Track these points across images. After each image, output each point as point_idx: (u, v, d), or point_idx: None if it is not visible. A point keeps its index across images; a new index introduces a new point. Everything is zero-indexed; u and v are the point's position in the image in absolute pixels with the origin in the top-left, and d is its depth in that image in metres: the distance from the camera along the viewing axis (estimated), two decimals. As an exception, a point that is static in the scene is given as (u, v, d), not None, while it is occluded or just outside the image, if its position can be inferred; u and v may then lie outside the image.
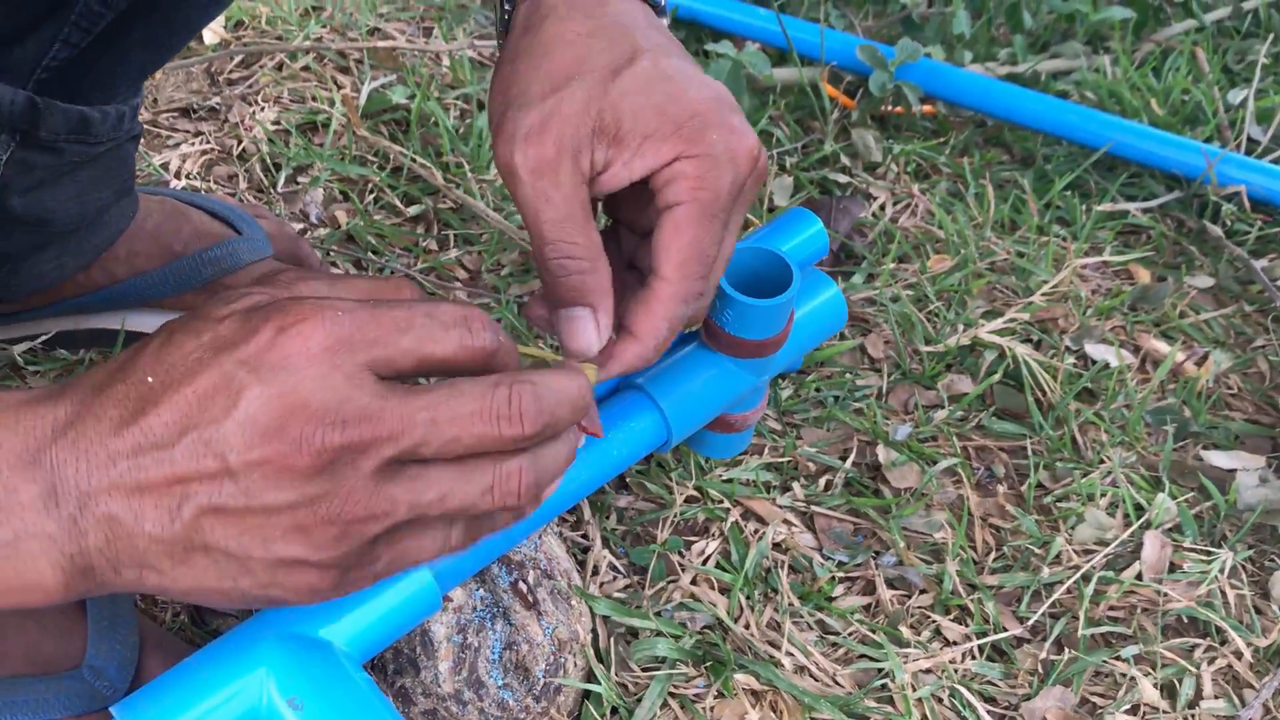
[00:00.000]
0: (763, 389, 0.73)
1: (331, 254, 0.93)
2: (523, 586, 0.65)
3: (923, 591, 0.75)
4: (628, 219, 0.60)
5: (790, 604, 0.72)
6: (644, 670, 0.67)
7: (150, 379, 0.41)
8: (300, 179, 1.00)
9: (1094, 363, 0.92)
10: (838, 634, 0.71)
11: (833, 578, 0.74)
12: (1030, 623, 0.74)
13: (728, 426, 0.74)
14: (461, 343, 0.43)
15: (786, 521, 0.77)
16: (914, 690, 0.68)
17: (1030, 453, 0.84)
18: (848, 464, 0.82)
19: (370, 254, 0.93)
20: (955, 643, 0.72)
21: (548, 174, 0.52)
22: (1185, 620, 0.75)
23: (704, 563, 0.74)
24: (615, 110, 0.52)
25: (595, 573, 0.72)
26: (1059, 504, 0.81)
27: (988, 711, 0.68)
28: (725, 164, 0.53)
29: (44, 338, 0.79)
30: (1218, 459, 0.86)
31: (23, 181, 0.64)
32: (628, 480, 0.78)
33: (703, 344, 0.69)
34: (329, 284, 0.47)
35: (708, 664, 0.67)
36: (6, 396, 0.42)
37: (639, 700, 0.65)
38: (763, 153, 0.55)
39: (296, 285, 0.47)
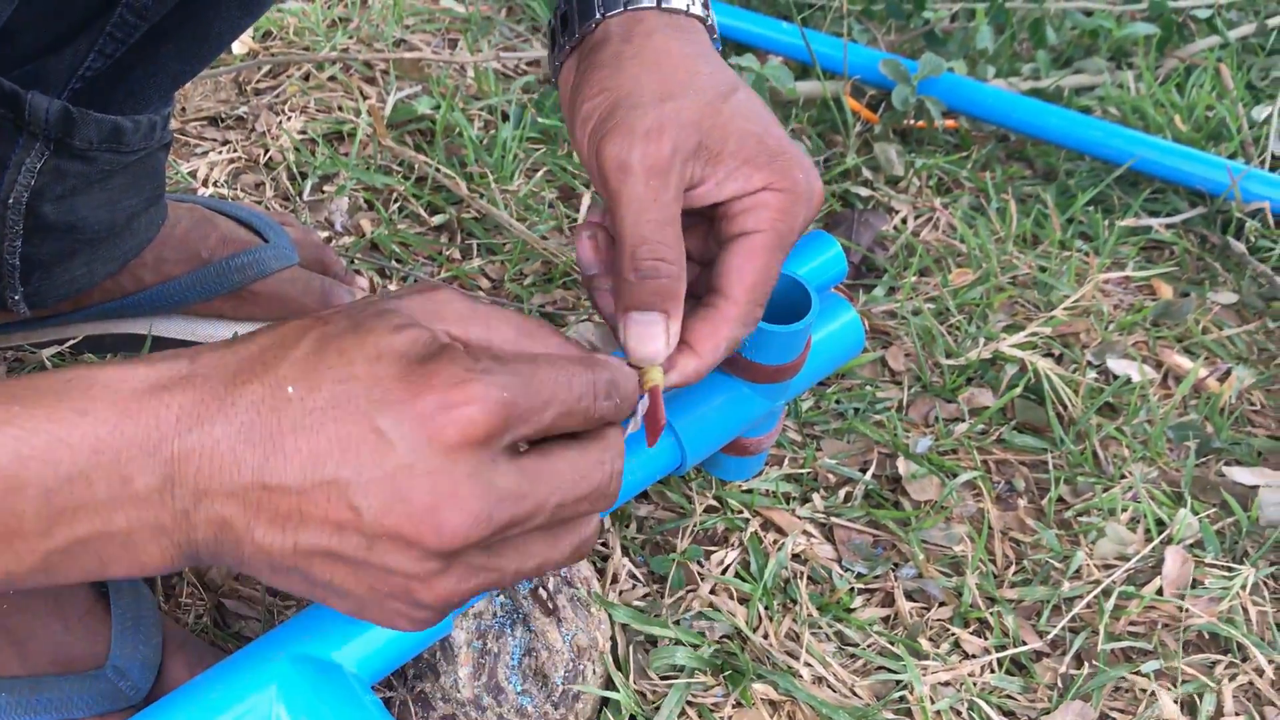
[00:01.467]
0: (778, 413, 0.73)
1: (356, 262, 0.93)
2: (542, 593, 0.65)
3: (942, 604, 0.74)
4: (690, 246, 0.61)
5: (809, 615, 0.72)
6: (662, 679, 0.67)
7: (291, 390, 0.40)
8: (326, 188, 1.01)
9: (1116, 378, 0.92)
10: (856, 645, 0.71)
11: (852, 589, 0.74)
12: (1050, 637, 0.73)
13: (742, 450, 0.74)
14: (586, 416, 0.44)
15: (806, 532, 0.77)
16: (932, 703, 0.68)
17: (1051, 467, 0.84)
18: (868, 476, 0.82)
19: (394, 262, 0.94)
20: (974, 656, 0.72)
21: (659, 174, 0.52)
22: (1206, 636, 0.75)
23: (723, 572, 0.74)
24: (723, 130, 0.54)
25: (615, 581, 0.72)
26: (1080, 518, 0.81)
27: (1007, 725, 0.68)
28: (804, 202, 0.55)
29: (72, 342, 0.80)
30: (1240, 475, 0.85)
31: (55, 189, 0.65)
32: (648, 489, 0.78)
33: (719, 368, 0.69)
34: (484, 325, 0.45)
35: (726, 673, 0.67)
36: (128, 377, 0.41)
37: (657, 708, 0.65)
38: (821, 191, 0.57)
39: (455, 309, 0.45)
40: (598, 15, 0.58)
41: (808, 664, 0.69)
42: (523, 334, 0.46)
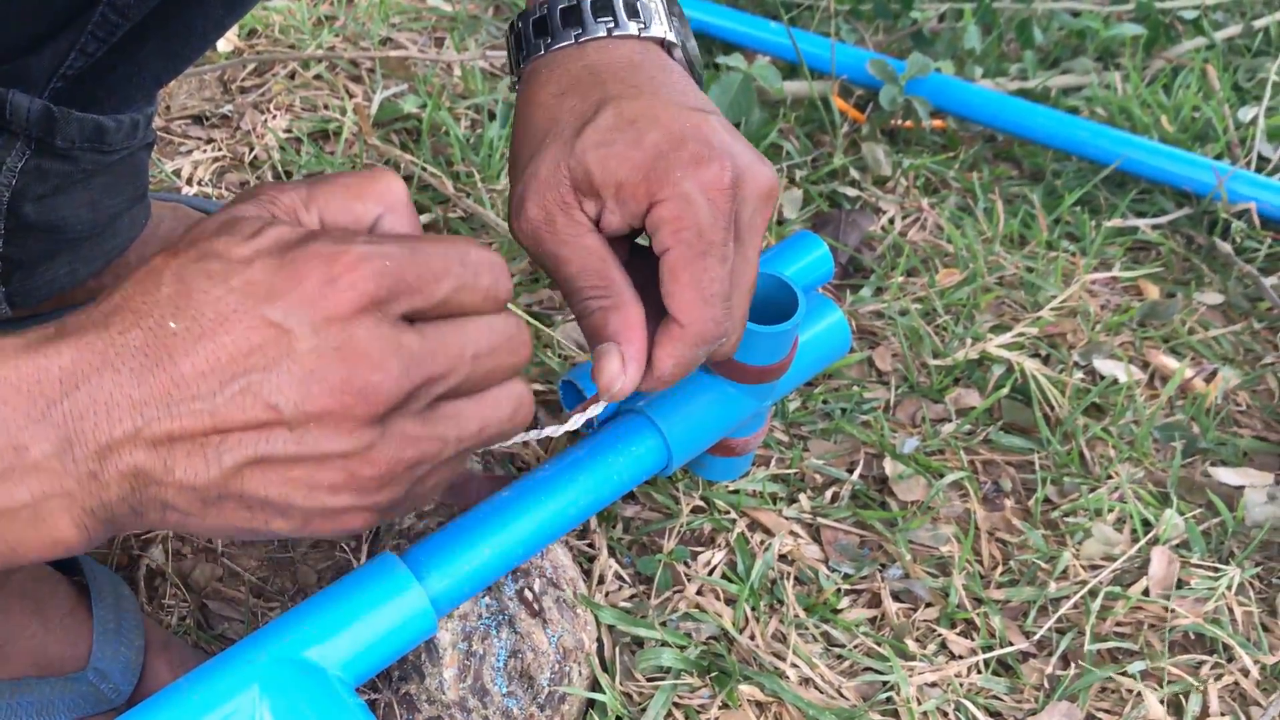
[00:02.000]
0: (765, 413, 0.73)
1: (341, 261, 0.93)
2: (528, 594, 0.65)
3: (929, 605, 0.74)
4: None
5: (796, 615, 0.72)
6: (649, 680, 0.67)
7: (173, 325, 0.40)
8: (311, 187, 1.00)
9: (1102, 378, 0.92)
10: (843, 646, 0.71)
11: (838, 590, 0.74)
12: (1036, 638, 0.73)
13: (729, 450, 0.74)
14: (489, 294, 0.44)
15: (793, 533, 0.77)
16: (919, 704, 0.68)
17: (1038, 467, 0.84)
18: (855, 476, 0.81)
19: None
20: (961, 656, 0.71)
21: (545, 235, 0.53)
22: (1192, 637, 0.75)
23: (710, 573, 0.74)
24: (582, 164, 0.53)
25: (601, 582, 0.72)
26: (1066, 519, 0.81)
27: (993, 726, 0.68)
28: (699, 201, 0.52)
29: (55, 341, 0.79)
30: (1226, 475, 0.85)
31: (37, 189, 0.64)
32: (634, 490, 0.78)
33: (705, 368, 0.68)
34: (308, 189, 0.46)
35: (712, 674, 0.67)
36: (1, 344, 0.40)
37: (643, 710, 0.65)
38: (752, 176, 0.54)
39: (284, 202, 0.45)
40: (512, 79, 0.61)
41: (794, 665, 0.69)
42: (351, 195, 0.46)
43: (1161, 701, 0.70)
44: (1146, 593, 0.76)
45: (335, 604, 0.54)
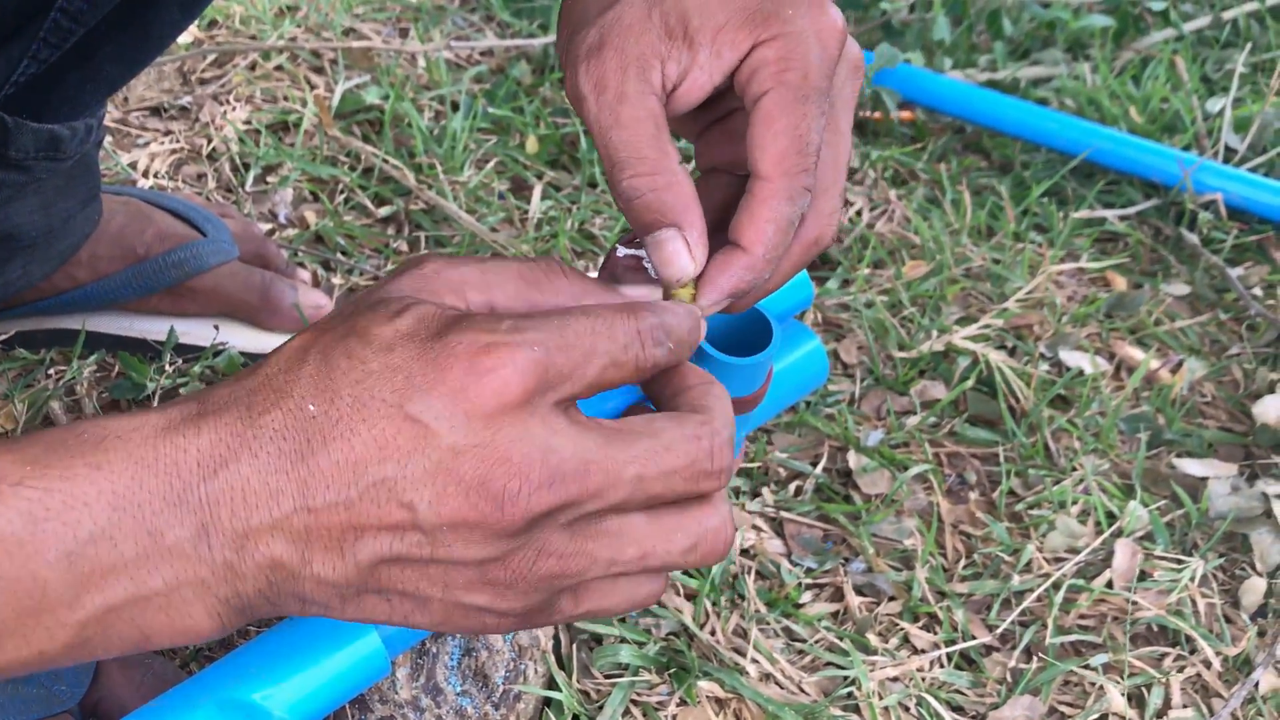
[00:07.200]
0: (739, 443, 0.71)
1: (300, 254, 0.92)
2: (483, 592, 0.64)
3: (891, 599, 0.74)
4: (727, 160, 0.53)
5: (757, 610, 0.71)
6: (606, 677, 0.66)
7: (312, 408, 0.38)
8: (269, 179, 0.99)
9: (1068, 369, 0.92)
10: (804, 641, 0.70)
11: (800, 584, 0.74)
12: (999, 631, 0.73)
13: None
14: (638, 365, 0.41)
15: (755, 527, 0.76)
16: (880, 699, 0.67)
17: (1002, 459, 0.84)
18: (818, 470, 0.81)
19: (340, 255, 0.92)
20: (923, 650, 0.71)
21: (612, 90, 0.46)
22: (1155, 629, 0.75)
23: (670, 569, 0.73)
24: (679, 8, 0.47)
25: (560, 578, 0.71)
26: (1030, 511, 0.80)
27: (954, 720, 0.67)
28: (810, 40, 0.47)
29: (2, 338, 0.78)
30: (1190, 467, 0.85)
31: None
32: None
33: None
34: (479, 271, 0.42)
35: (671, 671, 0.66)
36: (139, 425, 0.38)
37: (600, 708, 0.64)
38: (853, 41, 0.49)
39: (446, 279, 0.42)
40: None
41: (755, 661, 0.68)
42: (528, 284, 0.42)
43: (1124, 694, 0.70)
44: (1110, 585, 0.75)
45: (285, 645, 0.53)
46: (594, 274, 0.49)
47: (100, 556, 0.36)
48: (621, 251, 0.48)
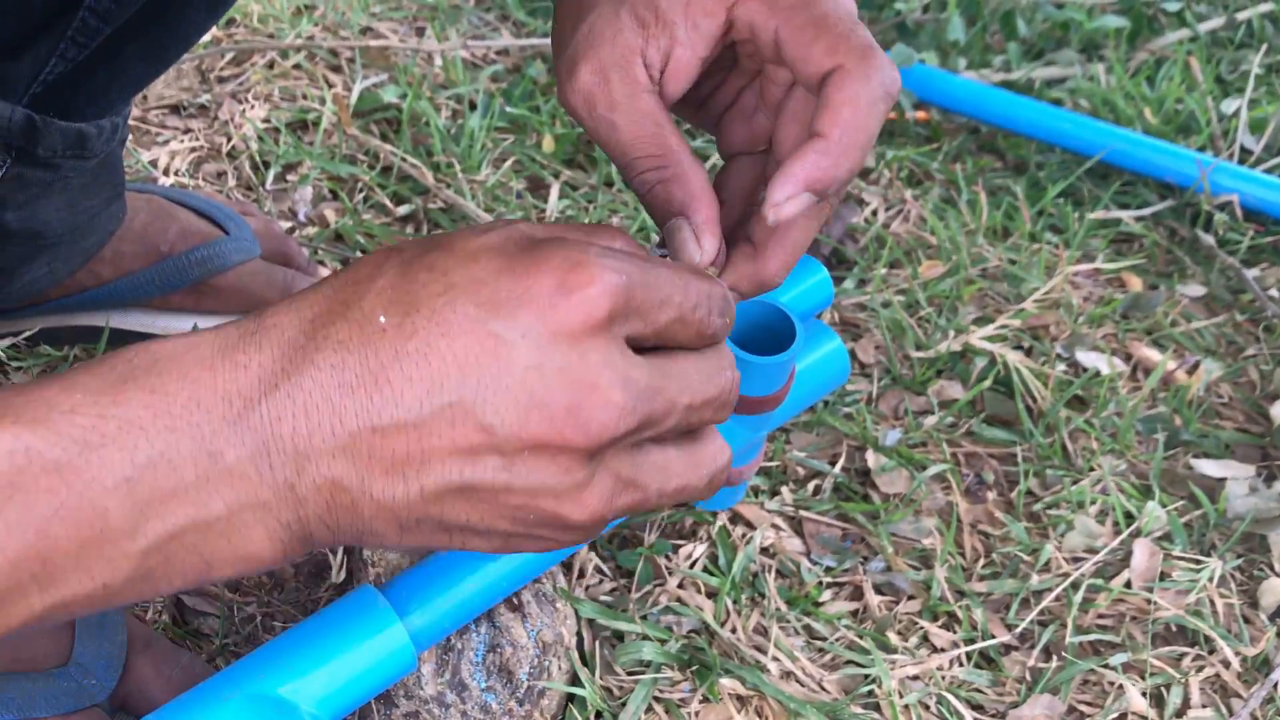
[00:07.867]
0: (759, 443, 0.71)
1: (320, 252, 0.92)
2: (507, 589, 0.64)
3: (911, 598, 0.74)
4: (745, 139, 0.52)
5: (777, 609, 0.71)
6: (629, 674, 0.67)
7: (383, 318, 0.36)
8: (289, 177, 0.99)
9: (1085, 370, 0.92)
10: (824, 639, 0.71)
11: (820, 583, 0.74)
12: (1019, 630, 0.73)
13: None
14: (700, 330, 0.41)
15: (775, 526, 0.77)
16: (901, 697, 0.67)
17: (1020, 459, 0.84)
18: (837, 469, 0.81)
19: (359, 253, 0.93)
20: (943, 649, 0.71)
21: (601, 101, 0.47)
22: (1174, 629, 0.75)
23: (691, 566, 0.73)
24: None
25: (581, 575, 0.71)
26: (1048, 511, 0.81)
27: (975, 719, 0.67)
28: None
29: (27, 334, 0.79)
30: (1208, 467, 0.85)
31: (18, 197, 0.63)
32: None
33: None
34: (560, 229, 0.42)
35: (693, 668, 0.67)
36: (194, 344, 0.37)
37: (623, 704, 0.65)
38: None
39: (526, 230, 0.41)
40: None
41: (775, 658, 0.68)
42: (602, 239, 0.42)
43: (1143, 694, 0.70)
44: (1128, 585, 0.76)
45: (312, 640, 0.53)
46: None
47: (159, 481, 0.35)
48: (655, 251, 0.49)
